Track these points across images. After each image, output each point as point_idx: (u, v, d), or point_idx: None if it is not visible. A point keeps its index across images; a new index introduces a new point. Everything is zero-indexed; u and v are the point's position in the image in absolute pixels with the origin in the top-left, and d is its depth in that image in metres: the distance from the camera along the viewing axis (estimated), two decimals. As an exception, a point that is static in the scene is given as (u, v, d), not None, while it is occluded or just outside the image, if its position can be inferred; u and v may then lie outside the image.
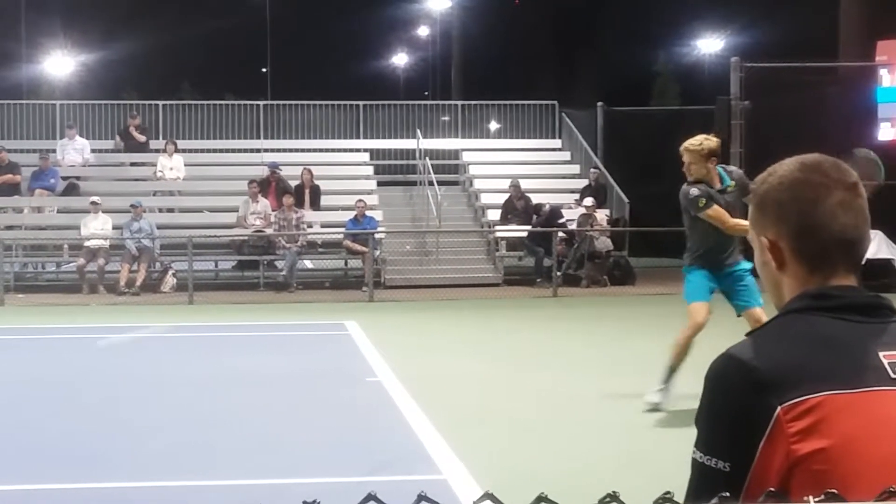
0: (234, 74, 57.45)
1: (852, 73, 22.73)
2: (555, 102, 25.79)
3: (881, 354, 1.81)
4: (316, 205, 21.68)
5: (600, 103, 25.56)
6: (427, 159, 22.81)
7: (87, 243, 19.69)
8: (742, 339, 1.89)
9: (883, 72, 20.94)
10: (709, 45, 48.27)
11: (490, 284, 20.10)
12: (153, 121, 24.98)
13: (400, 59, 65.43)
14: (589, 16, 47.02)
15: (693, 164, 8.40)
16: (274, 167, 22.00)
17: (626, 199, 21.96)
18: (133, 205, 19.99)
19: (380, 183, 23.86)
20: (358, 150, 24.98)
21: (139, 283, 19.18)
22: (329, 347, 13.19)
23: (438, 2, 48.47)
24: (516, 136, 25.64)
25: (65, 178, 22.21)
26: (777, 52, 24.38)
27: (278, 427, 8.27)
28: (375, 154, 24.95)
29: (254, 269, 20.78)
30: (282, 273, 20.04)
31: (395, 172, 25.37)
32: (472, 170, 24.27)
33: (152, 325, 14.26)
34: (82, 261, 19.49)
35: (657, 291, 18.39)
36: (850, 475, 1.72)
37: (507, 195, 21.78)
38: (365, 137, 25.28)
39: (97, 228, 19.91)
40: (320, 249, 21.42)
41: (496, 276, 20.68)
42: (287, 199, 20.52)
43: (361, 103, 25.57)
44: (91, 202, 20.20)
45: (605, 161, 23.91)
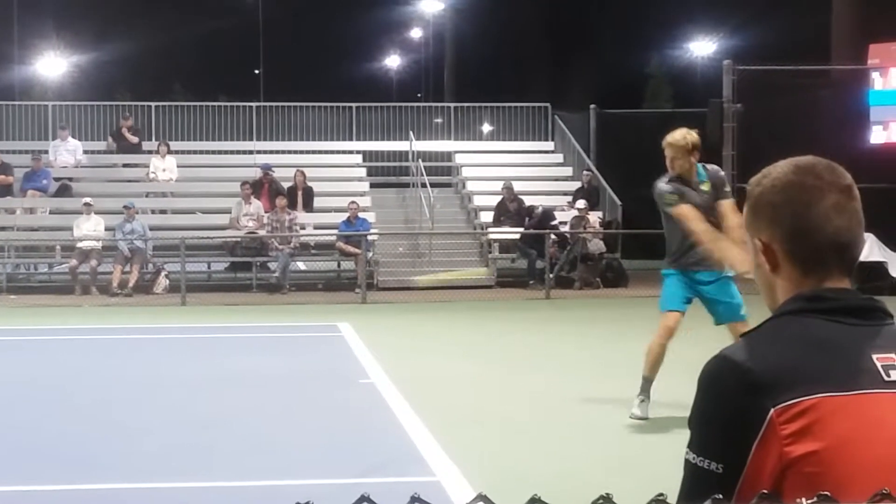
0: (227, 76, 57.34)
1: (844, 77, 22.79)
2: (548, 105, 25.82)
3: (875, 357, 1.82)
4: (309, 206, 21.69)
5: (593, 106, 25.59)
6: (420, 161, 22.84)
7: (80, 244, 19.67)
8: (736, 341, 1.90)
9: (875, 75, 21.02)
10: (701, 48, 48.29)
11: (483, 286, 20.11)
12: (146, 122, 24.97)
13: (393, 61, 65.42)
14: (582, 18, 47.05)
15: (676, 160, 8.14)
16: (267, 169, 22.00)
17: (619, 202, 21.99)
18: (126, 206, 19.98)
19: (373, 185, 23.86)
20: (351, 152, 24.97)
21: (132, 285, 19.18)
22: (322, 349, 13.18)
23: (431, 4, 48.45)
24: (509, 139, 25.66)
25: (57, 180, 22.19)
26: (769, 55, 24.43)
27: (271, 428, 8.27)
28: (368, 156, 24.96)
29: (247, 271, 20.76)
30: (275, 274, 20.03)
31: (388, 174, 25.39)
32: (465, 172, 24.28)
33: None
34: (75, 262, 19.49)
35: (650, 294, 18.32)
36: (844, 478, 1.73)
37: (500, 197, 21.80)
38: (358, 139, 25.28)
39: (90, 229, 19.89)
40: (313, 251, 21.41)
41: (489, 279, 20.69)
42: (280, 201, 20.52)
43: (354, 105, 25.57)
44: (83, 203, 20.19)
45: (598, 163, 23.93)
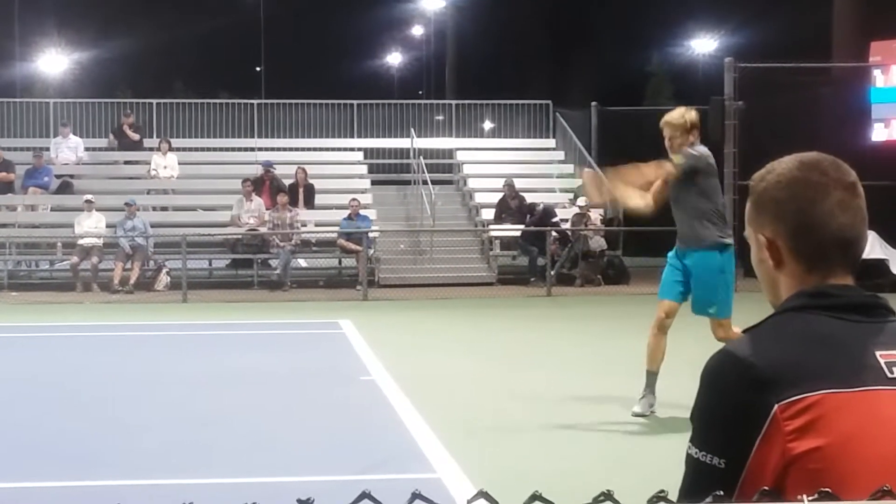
0: (229, 73, 57.40)
1: (846, 74, 22.77)
2: (549, 102, 25.79)
3: (878, 354, 1.81)
4: (310, 204, 21.68)
5: (594, 103, 25.55)
6: (421, 158, 22.82)
7: (81, 241, 19.67)
8: (739, 336, 1.90)
9: (876, 72, 20.99)
10: (702, 46, 48.28)
11: (484, 283, 20.10)
12: (147, 119, 24.96)
13: (394, 59, 65.41)
14: (583, 16, 47.05)
15: (675, 139, 8.06)
16: (268, 166, 21.98)
17: (620, 199, 21.94)
18: (127, 203, 19.98)
19: (374, 182, 23.86)
20: (352, 149, 24.96)
21: (133, 282, 19.17)
22: (323, 346, 13.18)
23: (432, 1, 48.44)
24: (510, 136, 25.64)
25: (58, 177, 22.19)
26: (771, 53, 24.43)
27: (272, 425, 8.27)
28: (369, 153, 24.94)
29: (248, 268, 20.76)
30: (276, 272, 20.03)
31: (389, 171, 25.36)
32: (466, 169, 24.27)
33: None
34: (76, 259, 19.49)
35: (651, 291, 18.16)
36: (847, 474, 1.73)
37: (501, 194, 21.80)
38: (359, 136, 25.27)
39: (91, 226, 19.89)
40: (314, 248, 21.40)
41: (490, 276, 20.68)
42: (281, 198, 20.52)
43: (356, 102, 25.55)
44: (85, 200, 20.18)
45: (599, 161, 23.84)
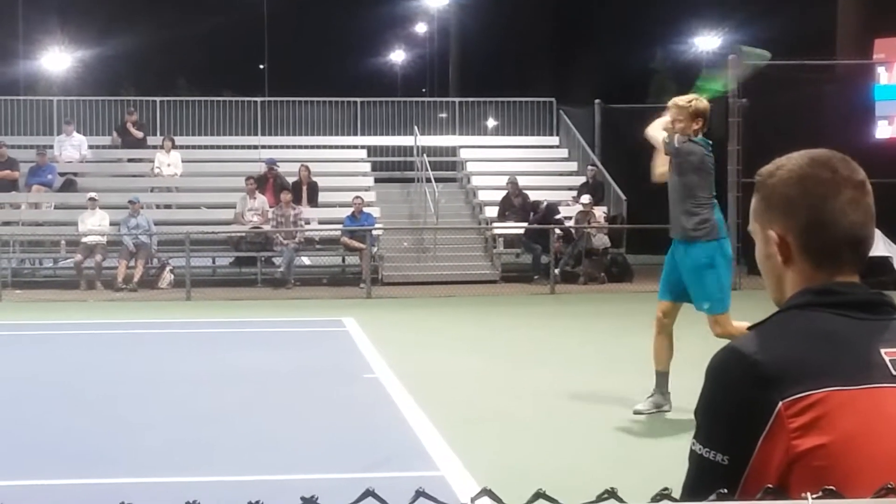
0: (232, 71, 57.42)
1: (850, 71, 22.73)
2: (552, 99, 25.79)
3: (883, 351, 1.81)
4: (313, 201, 21.69)
5: (598, 100, 25.55)
6: (424, 156, 22.80)
7: (85, 239, 19.69)
8: (744, 333, 1.89)
9: (880, 69, 20.95)
10: (706, 43, 48.22)
11: (487, 281, 20.10)
12: (151, 117, 24.97)
13: (397, 56, 65.43)
14: (586, 13, 47.01)
15: (678, 121, 8.01)
16: (271, 164, 21.99)
17: (624, 196, 21.95)
18: (131, 201, 19.99)
19: (377, 180, 23.86)
20: (355, 147, 24.96)
21: (136, 280, 19.18)
22: (326, 344, 13.18)
23: (436, -1, 48.43)
24: (514, 134, 25.63)
25: (62, 174, 22.21)
26: (774, 50, 24.29)
27: (275, 424, 8.27)
28: (373, 151, 24.93)
29: (251, 266, 20.76)
30: (279, 269, 20.02)
31: (393, 169, 25.35)
32: (470, 167, 24.26)
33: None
34: (80, 257, 19.51)
35: (655, 288, 18.11)
36: (851, 472, 1.72)
37: (505, 192, 21.78)
38: (362, 134, 25.27)
39: (94, 224, 19.90)
40: (318, 246, 21.40)
41: (494, 273, 20.67)
42: (285, 196, 20.53)
43: (359, 100, 25.55)
44: (88, 198, 20.19)
45: (603, 158, 23.90)
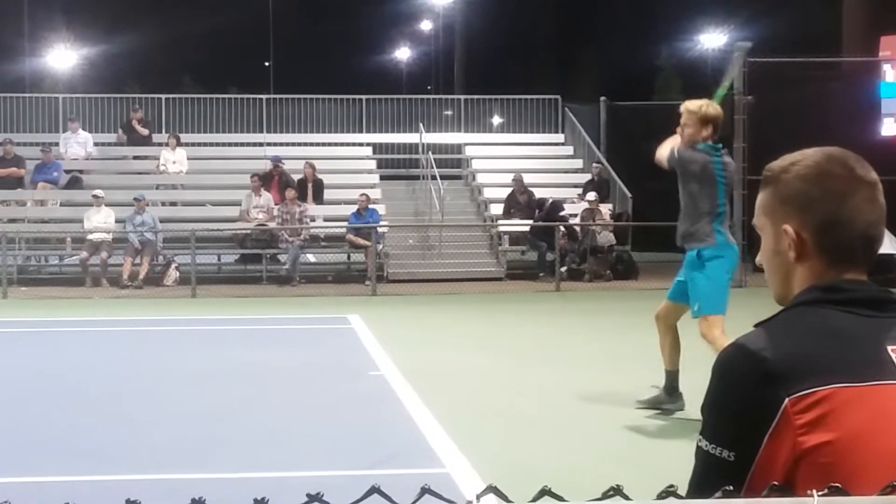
0: (237, 68, 57.39)
1: (856, 68, 22.70)
2: (558, 97, 25.79)
3: (890, 349, 1.81)
4: (319, 199, 21.69)
5: (603, 98, 25.54)
6: (430, 153, 22.82)
7: (90, 236, 19.71)
8: (751, 330, 1.89)
9: (886, 67, 20.94)
10: (711, 40, 48.18)
11: (493, 279, 20.10)
12: (156, 114, 24.99)
13: (403, 54, 65.41)
14: (592, 10, 47.00)
15: (687, 126, 7.92)
16: (277, 161, 22.01)
17: (629, 194, 21.95)
18: (136, 198, 20.00)
19: (383, 177, 23.85)
20: (361, 144, 24.96)
21: (142, 277, 19.20)
22: (332, 341, 13.18)
23: (441, -4, 48.44)
24: (519, 131, 25.61)
25: (68, 172, 22.24)
26: (780, 47, 24.32)
27: (281, 420, 8.27)
28: (378, 148, 24.94)
29: (257, 263, 20.78)
30: (285, 267, 20.04)
31: (398, 166, 25.35)
32: (475, 164, 24.26)
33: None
34: (85, 254, 19.52)
35: (660, 286, 18.23)
36: (857, 469, 1.72)
37: (510, 189, 21.78)
38: (368, 131, 25.27)
39: (100, 222, 19.92)
40: (323, 243, 21.41)
41: (499, 271, 20.67)
42: (290, 193, 20.54)
43: (364, 97, 25.55)
44: (94, 195, 20.21)
45: (608, 156, 23.89)
